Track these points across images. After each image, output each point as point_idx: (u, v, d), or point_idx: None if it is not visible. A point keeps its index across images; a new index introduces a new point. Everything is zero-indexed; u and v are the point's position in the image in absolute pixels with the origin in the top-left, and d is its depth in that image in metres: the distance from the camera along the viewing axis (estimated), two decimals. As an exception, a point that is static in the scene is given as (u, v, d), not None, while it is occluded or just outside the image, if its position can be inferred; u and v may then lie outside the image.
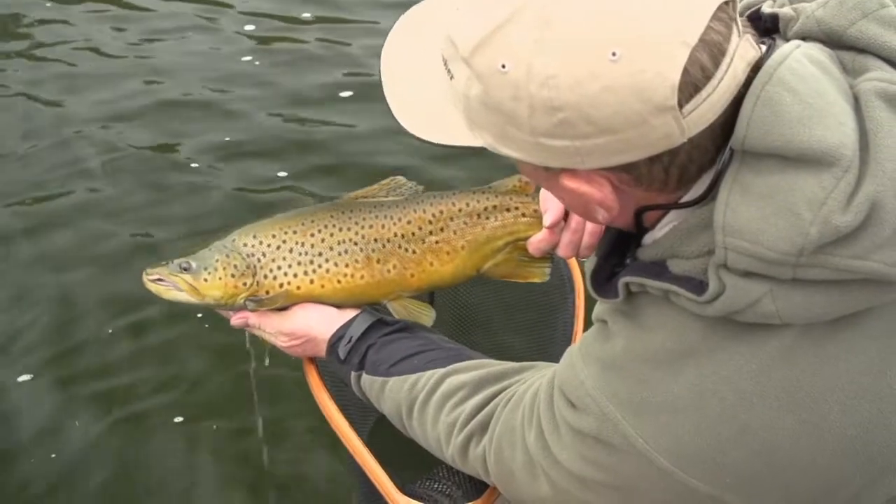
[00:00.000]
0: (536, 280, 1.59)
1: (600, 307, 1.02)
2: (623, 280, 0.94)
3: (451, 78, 0.87)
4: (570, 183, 0.86)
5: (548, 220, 1.40)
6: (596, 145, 0.80)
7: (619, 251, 1.02)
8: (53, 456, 2.55)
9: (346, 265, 1.51)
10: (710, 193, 0.84)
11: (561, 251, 1.43)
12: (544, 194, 1.45)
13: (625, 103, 0.76)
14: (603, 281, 1.00)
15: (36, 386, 2.76)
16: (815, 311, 0.82)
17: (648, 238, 0.95)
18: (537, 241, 1.43)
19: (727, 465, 0.87)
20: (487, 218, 1.56)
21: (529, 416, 1.07)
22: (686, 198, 0.88)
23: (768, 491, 0.88)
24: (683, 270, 0.88)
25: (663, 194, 0.88)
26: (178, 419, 2.64)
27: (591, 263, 1.03)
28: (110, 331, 2.91)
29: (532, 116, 0.80)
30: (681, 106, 0.77)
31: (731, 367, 0.86)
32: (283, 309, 1.51)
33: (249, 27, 4.75)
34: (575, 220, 1.39)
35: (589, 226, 1.37)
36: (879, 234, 0.77)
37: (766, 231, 0.78)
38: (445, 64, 0.87)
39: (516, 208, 1.56)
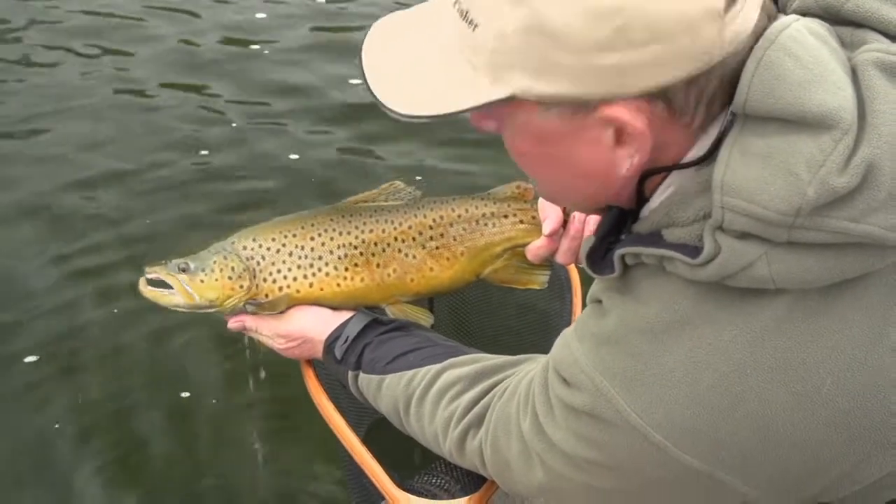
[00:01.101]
0: (535, 286, 1.59)
1: (595, 287, 1.02)
2: (618, 252, 0.94)
3: (475, 28, 0.84)
4: (612, 112, 0.83)
5: (547, 227, 1.41)
6: (645, 58, 0.79)
7: (616, 231, 1.02)
8: (57, 426, 2.61)
9: (346, 269, 1.52)
10: (710, 155, 0.85)
11: (559, 258, 1.44)
12: (543, 202, 1.46)
13: (681, 2, 0.77)
14: (599, 259, 1.00)
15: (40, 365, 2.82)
16: (810, 276, 0.82)
17: (646, 210, 0.95)
18: (536, 248, 1.44)
19: (720, 440, 0.86)
20: (486, 224, 1.57)
21: (524, 403, 1.06)
22: (688, 158, 0.88)
23: (762, 467, 0.87)
24: (678, 238, 0.88)
25: (681, 137, 0.87)
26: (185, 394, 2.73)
27: (588, 243, 1.03)
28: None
29: (586, 27, 0.78)
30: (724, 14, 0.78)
31: (725, 337, 0.86)
32: (281, 312, 1.52)
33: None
34: (574, 227, 1.40)
35: (587, 233, 1.38)
36: (875, 196, 0.78)
37: (764, 191, 0.79)
38: (465, 16, 0.85)
39: (514, 215, 1.58)
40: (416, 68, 0.90)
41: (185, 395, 2.72)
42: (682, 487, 0.91)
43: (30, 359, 2.82)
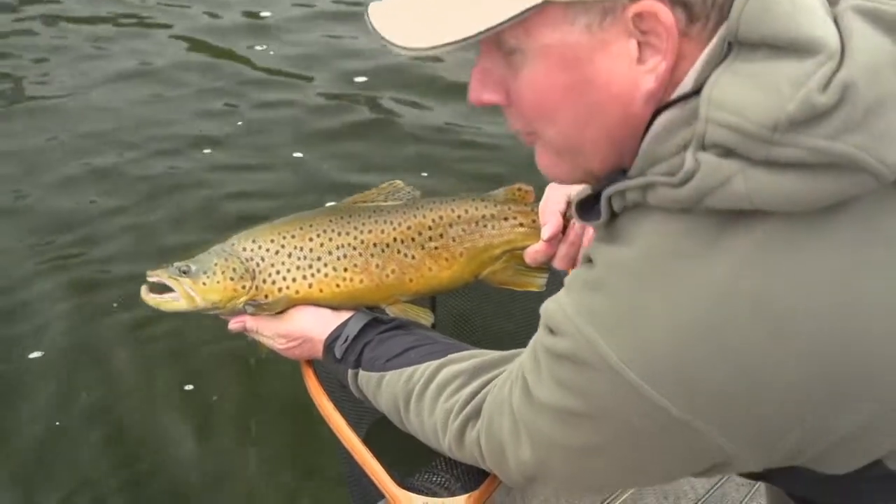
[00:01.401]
0: (533, 289, 1.59)
1: (584, 251, 1.02)
2: (605, 193, 0.95)
3: None
4: (645, 6, 0.84)
5: (546, 233, 1.40)
6: None
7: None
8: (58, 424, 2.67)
9: (345, 269, 1.52)
10: (699, 89, 0.87)
11: (557, 263, 1.43)
12: (543, 206, 1.46)
13: None
14: (589, 207, 1.00)
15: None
16: (786, 197, 0.82)
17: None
18: (534, 252, 1.44)
19: (697, 381, 0.85)
20: (486, 226, 1.57)
21: (516, 378, 1.05)
22: (679, 91, 0.90)
23: (737, 414, 0.86)
24: (661, 171, 0.89)
25: (693, 49, 0.88)
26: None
27: (580, 192, 1.03)
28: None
29: None
30: None
31: (703, 273, 0.85)
32: (281, 312, 1.52)
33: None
34: (573, 233, 1.40)
35: (585, 239, 1.38)
36: (851, 115, 0.79)
37: (748, 103, 0.81)
38: None
39: (514, 217, 1.58)
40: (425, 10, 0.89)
41: (189, 387, 2.79)
42: (665, 441, 0.90)
43: (35, 355, 2.91)
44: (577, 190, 1.08)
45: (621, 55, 0.88)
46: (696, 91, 0.87)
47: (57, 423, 2.65)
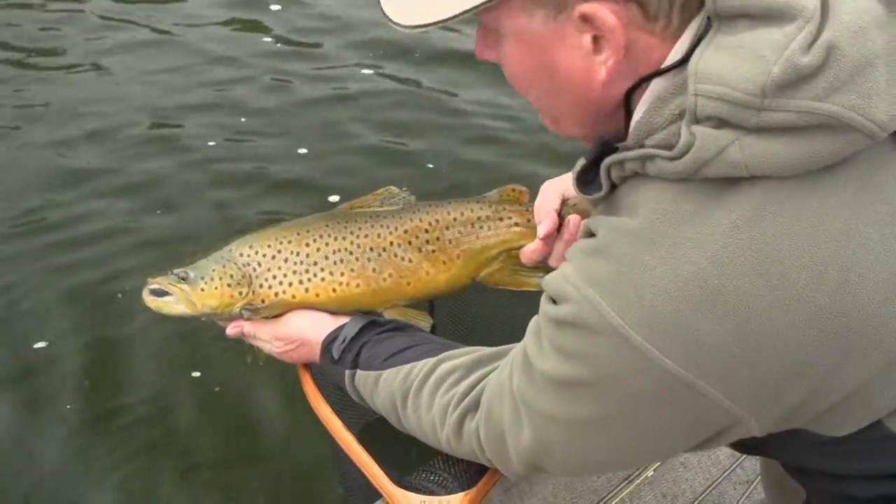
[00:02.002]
0: (531, 288, 1.60)
1: (584, 224, 1.04)
2: (604, 163, 0.97)
3: None
4: (586, 7, 0.89)
5: (541, 231, 1.41)
6: None
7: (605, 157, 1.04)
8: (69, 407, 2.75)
9: (342, 274, 1.53)
10: (687, 60, 0.89)
11: (553, 262, 1.44)
12: (539, 205, 1.47)
13: None
14: (589, 180, 1.02)
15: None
16: (780, 161, 0.84)
17: (631, 126, 0.98)
18: (530, 252, 1.45)
19: (699, 340, 0.86)
20: (482, 227, 1.59)
21: (515, 361, 1.06)
22: (668, 62, 0.92)
23: (741, 373, 0.87)
24: (658, 142, 0.91)
25: (659, 42, 0.92)
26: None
27: (578, 164, 1.05)
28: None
29: None
30: None
31: (704, 232, 0.86)
32: (278, 316, 1.53)
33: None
34: (568, 231, 1.40)
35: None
36: (837, 75, 0.81)
37: (733, 73, 0.83)
38: None
39: (510, 217, 1.59)
40: None
41: (196, 374, 2.86)
42: (668, 406, 0.90)
43: (39, 345, 2.97)
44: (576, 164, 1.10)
45: (576, 47, 0.94)
46: (685, 60, 0.89)
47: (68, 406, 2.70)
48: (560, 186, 1.45)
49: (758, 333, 0.85)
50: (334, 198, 3.71)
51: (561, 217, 1.42)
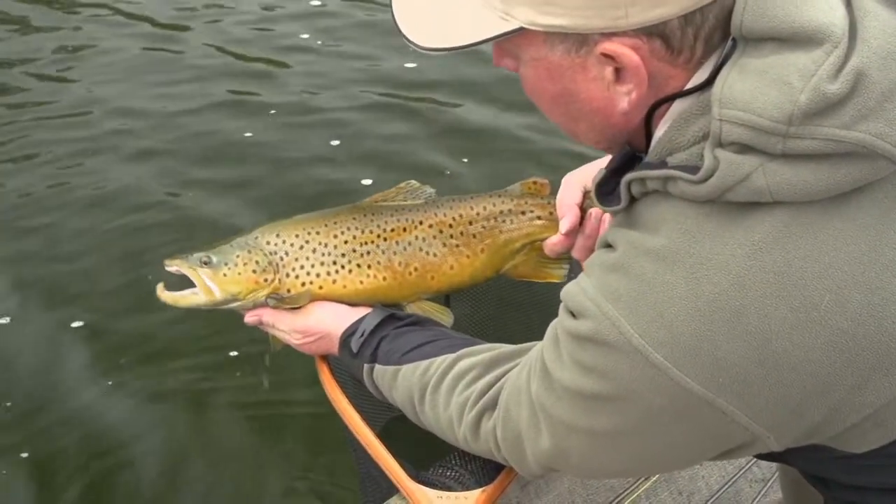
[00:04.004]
0: (555, 280, 1.60)
1: (602, 236, 1.04)
2: (625, 179, 0.96)
3: None
4: (609, 46, 0.87)
5: (564, 226, 1.41)
6: None
7: (628, 168, 1.04)
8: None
9: (369, 266, 1.54)
10: (711, 81, 0.88)
11: (576, 254, 1.44)
12: (560, 199, 1.47)
13: None
14: (609, 192, 1.02)
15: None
16: (805, 188, 0.83)
17: (653, 142, 0.97)
18: (553, 245, 1.45)
19: (720, 360, 0.86)
20: (504, 221, 1.59)
21: (533, 366, 1.06)
22: (691, 84, 0.91)
23: (761, 393, 0.87)
24: (681, 161, 0.90)
25: (682, 72, 0.91)
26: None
27: (598, 175, 1.05)
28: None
29: None
30: None
31: (726, 252, 0.86)
32: (298, 308, 1.53)
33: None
34: (590, 225, 1.40)
35: (602, 230, 1.39)
36: (865, 103, 0.80)
37: (759, 99, 0.82)
38: None
39: (532, 211, 1.59)
40: (437, 5, 0.96)
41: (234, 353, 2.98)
42: (687, 422, 0.90)
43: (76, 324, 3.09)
44: (596, 173, 1.09)
45: (598, 78, 0.92)
46: (710, 81, 0.88)
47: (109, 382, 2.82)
48: (581, 179, 1.44)
49: (779, 354, 0.85)
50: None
51: (583, 210, 1.41)
